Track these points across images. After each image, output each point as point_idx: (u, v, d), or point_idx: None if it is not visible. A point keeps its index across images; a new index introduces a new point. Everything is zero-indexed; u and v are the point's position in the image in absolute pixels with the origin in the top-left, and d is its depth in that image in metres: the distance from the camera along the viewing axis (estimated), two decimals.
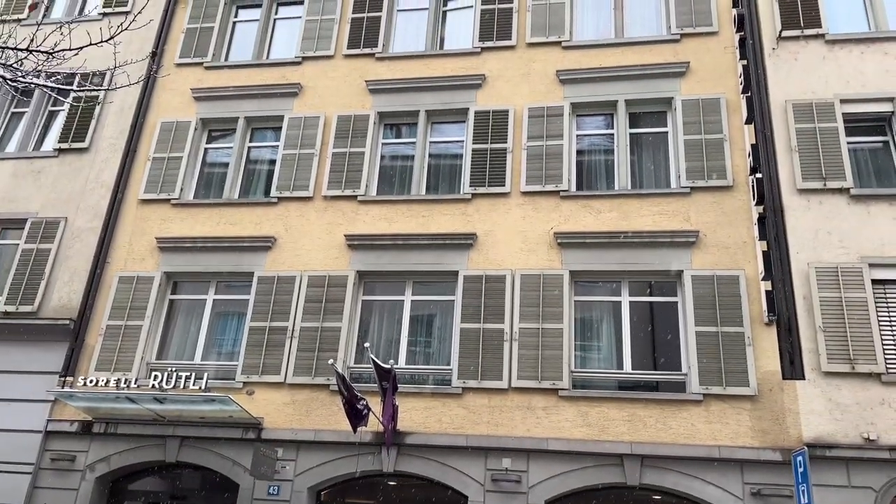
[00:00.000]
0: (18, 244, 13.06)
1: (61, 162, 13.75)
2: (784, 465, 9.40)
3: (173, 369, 10.93)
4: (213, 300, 12.38)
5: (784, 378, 9.85)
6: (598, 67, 12.52)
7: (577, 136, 12.41)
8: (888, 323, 9.97)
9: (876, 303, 10.04)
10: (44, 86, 6.47)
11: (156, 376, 10.83)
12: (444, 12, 14.26)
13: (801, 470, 8.77)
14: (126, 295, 12.23)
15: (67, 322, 12.04)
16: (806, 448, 8.92)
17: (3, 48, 5.88)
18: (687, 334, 10.46)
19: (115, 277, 12.43)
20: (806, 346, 9.90)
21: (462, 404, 10.62)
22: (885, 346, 9.81)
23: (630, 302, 11.09)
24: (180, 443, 11.17)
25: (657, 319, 11.02)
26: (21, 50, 5.75)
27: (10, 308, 12.43)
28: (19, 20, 14.61)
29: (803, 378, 9.76)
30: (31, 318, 12.29)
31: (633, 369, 10.63)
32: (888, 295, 10.13)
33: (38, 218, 13.18)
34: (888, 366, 9.68)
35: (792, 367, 9.85)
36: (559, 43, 12.94)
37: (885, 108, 11.24)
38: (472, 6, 13.97)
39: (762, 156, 10.98)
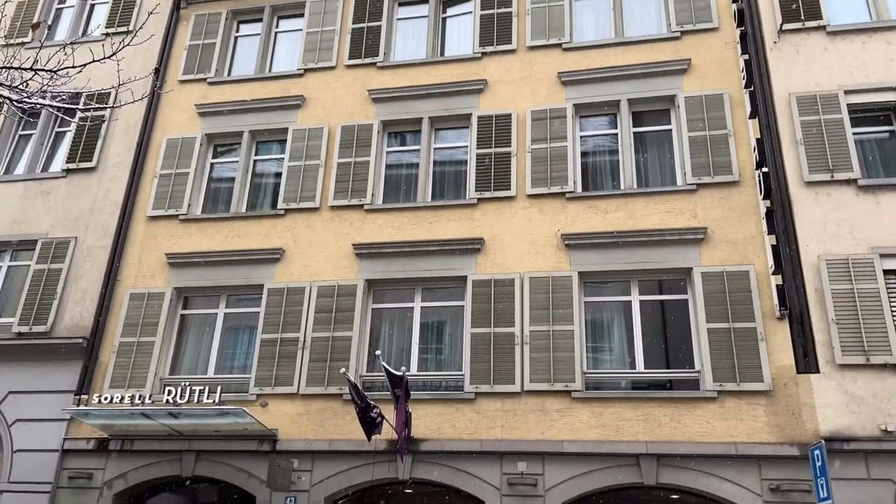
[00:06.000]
0: (30, 265, 13.17)
1: (69, 182, 13.87)
2: (802, 459, 9.32)
3: (187, 384, 10.95)
4: (224, 314, 12.43)
5: (798, 372, 9.79)
6: (599, 68, 12.52)
7: (581, 137, 12.41)
8: None
9: (889, 293, 9.95)
10: (49, 106, 6.53)
11: (170, 391, 10.84)
12: (444, 19, 14.30)
13: (818, 464, 8.72)
14: (137, 312, 12.31)
15: (80, 340, 12.12)
16: (823, 442, 8.83)
17: (9, 68, 5.95)
18: (699, 332, 10.41)
19: (126, 295, 12.51)
20: (819, 339, 9.83)
21: (475, 409, 10.60)
22: None
23: (640, 301, 11.06)
24: (196, 457, 11.20)
25: (668, 318, 10.97)
26: (25, 69, 5.82)
27: (24, 329, 12.51)
28: (23, 44, 14.74)
29: (818, 371, 9.69)
30: (44, 338, 12.37)
31: (645, 368, 10.59)
32: None
33: (49, 238, 13.29)
34: None
35: (806, 360, 9.80)
36: (559, 45, 12.96)
37: (890, 97, 11.16)
38: (471, 12, 14.02)
39: (767, 150, 10.96)
